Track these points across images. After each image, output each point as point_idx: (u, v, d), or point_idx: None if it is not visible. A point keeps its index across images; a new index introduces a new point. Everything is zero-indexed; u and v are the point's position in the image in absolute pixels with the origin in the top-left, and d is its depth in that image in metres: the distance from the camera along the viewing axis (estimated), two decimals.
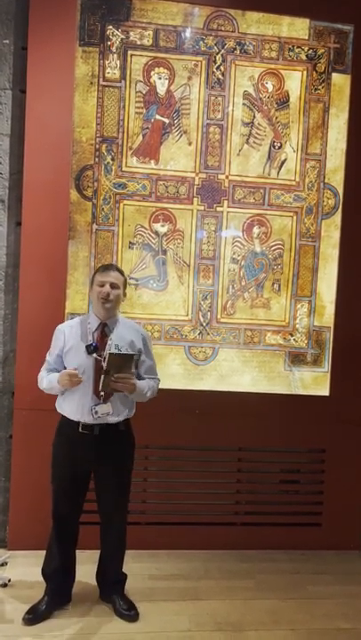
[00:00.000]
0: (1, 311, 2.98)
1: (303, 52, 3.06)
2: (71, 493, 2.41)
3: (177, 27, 2.97)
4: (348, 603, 2.69)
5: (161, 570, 2.88)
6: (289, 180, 3.10)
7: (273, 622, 2.49)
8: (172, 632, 2.38)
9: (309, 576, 2.92)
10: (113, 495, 2.44)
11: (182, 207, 3.03)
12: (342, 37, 3.08)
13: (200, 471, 3.11)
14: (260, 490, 3.21)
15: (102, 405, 2.29)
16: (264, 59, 3.03)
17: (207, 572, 2.89)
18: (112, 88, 2.95)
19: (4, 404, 3.00)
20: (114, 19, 2.92)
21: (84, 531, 2.50)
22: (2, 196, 2.95)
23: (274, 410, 3.10)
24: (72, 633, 2.32)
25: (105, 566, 2.55)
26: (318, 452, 3.22)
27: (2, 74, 2.92)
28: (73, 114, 2.92)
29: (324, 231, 3.13)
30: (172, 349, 3.05)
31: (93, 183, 2.96)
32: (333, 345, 3.16)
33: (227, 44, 3.00)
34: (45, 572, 2.48)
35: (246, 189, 3.07)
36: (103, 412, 2.30)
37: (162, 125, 2.99)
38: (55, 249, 2.93)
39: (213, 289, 3.08)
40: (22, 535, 2.92)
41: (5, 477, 3.01)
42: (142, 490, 3.08)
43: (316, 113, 3.09)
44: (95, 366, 2.30)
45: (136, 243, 3.02)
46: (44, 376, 2.39)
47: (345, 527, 3.21)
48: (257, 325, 3.12)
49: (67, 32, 2.89)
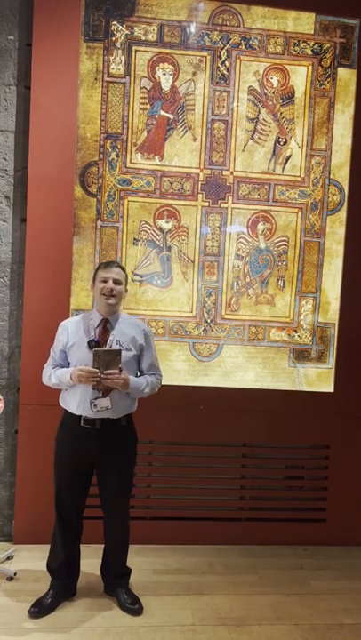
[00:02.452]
0: (6, 307, 3.00)
1: (309, 47, 3.04)
2: (74, 488, 2.43)
3: (182, 22, 2.96)
4: (352, 598, 2.70)
5: (165, 564, 2.90)
6: (294, 176, 3.09)
7: (276, 617, 2.51)
8: (175, 626, 2.39)
9: (313, 571, 2.93)
10: (115, 490, 2.46)
11: (187, 203, 3.03)
12: (348, 32, 3.06)
13: (204, 467, 3.12)
14: (265, 485, 3.22)
15: (101, 399, 2.31)
16: (269, 54, 3.02)
17: (211, 566, 2.91)
18: (116, 84, 2.94)
19: (9, 400, 3.02)
20: (118, 14, 2.91)
21: (88, 525, 2.53)
22: (7, 193, 2.96)
23: (278, 406, 3.10)
24: (77, 626, 2.34)
25: (109, 560, 2.58)
26: (323, 448, 3.22)
27: (6, 70, 2.92)
28: (77, 110, 2.92)
29: (329, 227, 3.12)
30: (176, 346, 3.06)
31: (98, 179, 2.97)
32: (338, 341, 3.16)
33: (232, 39, 2.99)
34: (50, 567, 2.50)
35: (251, 185, 3.06)
36: (102, 406, 2.31)
37: (166, 121, 2.99)
38: (60, 245, 2.94)
39: (218, 285, 3.08)
40: (28, 529, 2.95)
41: (11, 472, 3.04)
42: (147, 485, 3.10)
43: (322, 108, 3.07)
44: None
45: (141, 239, 3.02)
46: (51, 372, 2.40)
47: (349, 523, 3.22)
48: (261, 322, 3.12)
49: (71, 28, 2.89)
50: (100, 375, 2.24)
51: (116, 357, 2.27)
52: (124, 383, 2.29)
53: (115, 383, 2.27)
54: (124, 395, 2.37)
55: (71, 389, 2.38)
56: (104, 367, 2.24)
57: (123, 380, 2.28)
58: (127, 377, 2.31)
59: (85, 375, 2.25)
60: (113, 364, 2.26)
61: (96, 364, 2.23)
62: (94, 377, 2.24)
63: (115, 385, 2.28)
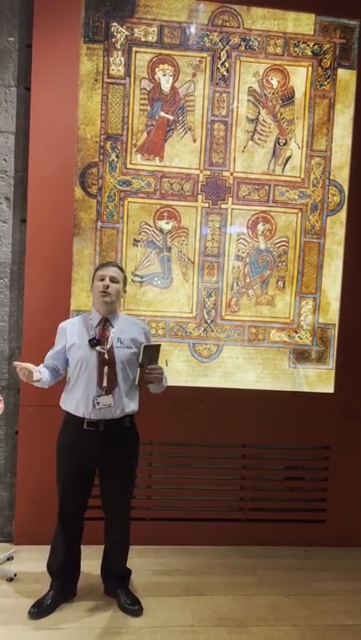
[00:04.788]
0: (6, 308, 3.00)
1: (308, 48, 3.04)
2: (76, 490, 2.43)
3: (181, 23, 2.96)
4: (352, 599, 2.70)
5: (165, 565, 2.90)
6: (294, 177, 3.09)
7: (276, 618, 2.50)
8: (175, 627, 2.39)
9: (313, 572, 2.92)
10: (117, 491, 2.46)
11: (187, 204, 3.03)
12: (348, 33, 3.05)
13: (205, 467, 3.12)
14: (265, 486, 3.22)
15: (104, 397, 2.32)
16: (269, 54, 3.02)
17: (211, 567, 2.91)
18: (116, 85, 2.94)
19: (9, 401, 3.02)
20: (118, 15, 2.92)
21: (88, 526, 2.53)
22: (7, 194, 2.97)
23: (278, 407, 3.10)
24: (77, 627, 2.35)
25: (109, 561, 2.58)
26: (323, 449, 3.22)
27: (7, 71, 2.92)
28: (77, 111, 2.92)
29: (329, 228, 3.12)
30: (176, 346, 3.06)
31: (98, 180, 2.97)
32: (338, 342, 3.16)
33: (231, 40, 2.99)
34: (51, 568, 2.51)
35: (251, 186, 3.06)
36: (105, 404, 2.32)
37: (166, 122, 2.99)
38: (60, 246, 2.94)
39: (218, 286, 3.08)
40: (28, 530, 2.95)
41: (11, 473, 3.04)
42: (147, 486, 3.10)
43: (322, 109, 3.07)
44: (98, 360, 2.33)
45: (140, 240, 3.02)
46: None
47: (349, 524, 3.21)
48: (261, 322, 3.12)
49: (71, 29, 2.89)
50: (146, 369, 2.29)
51: (158, 351, 2.34)
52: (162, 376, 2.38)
53: (157, 377, 2.35)
54: (125, 393, 2.38)
55: (71, 390, 2.38)
56: (148, 361, 2.29)
57: (162, 374, 2.37)
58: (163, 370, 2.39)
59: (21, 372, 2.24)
60: (154, 359, 2.33)
61: (142, 360, 2.28)
62: (21, 370, 2.23)
63: (157, 379, 2.36)
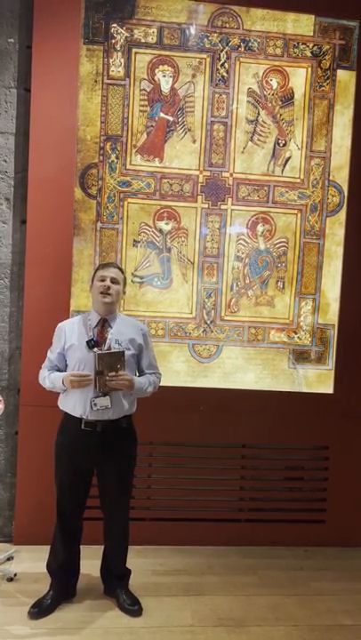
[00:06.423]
0: (6, 309, 3.01)
1: (308, 49, 3.05)
2: (75, 490, 2.43)
3: (181, 24, 2.96)
4: (351, 599, 2.70)
5: (164, 565, 2.90)
6: (293, 178, 3.10)
7: (275, 618, 2.51)
8: (174, 627, 2.40)
9: (312, 572, 2.93)
10: (116, 491, 2.46)
11: (186, 205, 3.04)
12: (348, 34, 3.06)
13: (204, 468, 3.13)
14: (264, 486, 3.22)
15: (101, 398, 2.31)
16: (269, 56, 3.02)
17: (210, 567, 2.91)
18: (116, 86, 2.95)
19: (9, 401, 3.02)
20: (118, 16, 2.92)
21: (88, 526, 2.53)
22: (7, 195, 2.97)
23: (278, 407, 3.10)
24: (76, 627, 2.35)
25: (109, 561, 2.58)
26: (322, 449, 3.22)
27: (7, 72, 2.93)
28: (77, 112, 2.93)
29: (329, 229, 3.13)
30: (176, 347, 3.07)
31: (98, 181, 2.97)
32: (338, 342, 3.16)
33: (231, 42, 3.00)
34: (50, 568, 2.51)
35: (250, 187, 3.07)
36: (102, 405, 2.31)
37: (166, 123, 3.00)
38: (60, 247, 2.95)
39: (217, 287, 3.09)
40: (28, 530, 2.96)
41: (11, 473, 3.05)
42: (146, 486, 3.11)
43: (321, 110, 3.08)
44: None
45: (140, 241, 3.03)
46: (46, 375, 2.41)
47: (348, 524, 3.22)
48: (261, 323, 3.12)
49: (71, 30, 2.90)
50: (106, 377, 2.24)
51: (120, 359, 2.27)
52: (130, 384, 2.31)
53: (120, 384, 2.28)
54: (122, 394, 2.37)
55: (69, 391, 2.38)
56: (108, 369, 2.24)
57: (128, 382, 2.30)
58: (132, 378, 2.33)
59: (77, 380, 2.26)
60: (117, 366, 2.26)
61: (100, 367, 2.23)
62: (87, 380, 2.26)
63: (120, 386, 2.29)
